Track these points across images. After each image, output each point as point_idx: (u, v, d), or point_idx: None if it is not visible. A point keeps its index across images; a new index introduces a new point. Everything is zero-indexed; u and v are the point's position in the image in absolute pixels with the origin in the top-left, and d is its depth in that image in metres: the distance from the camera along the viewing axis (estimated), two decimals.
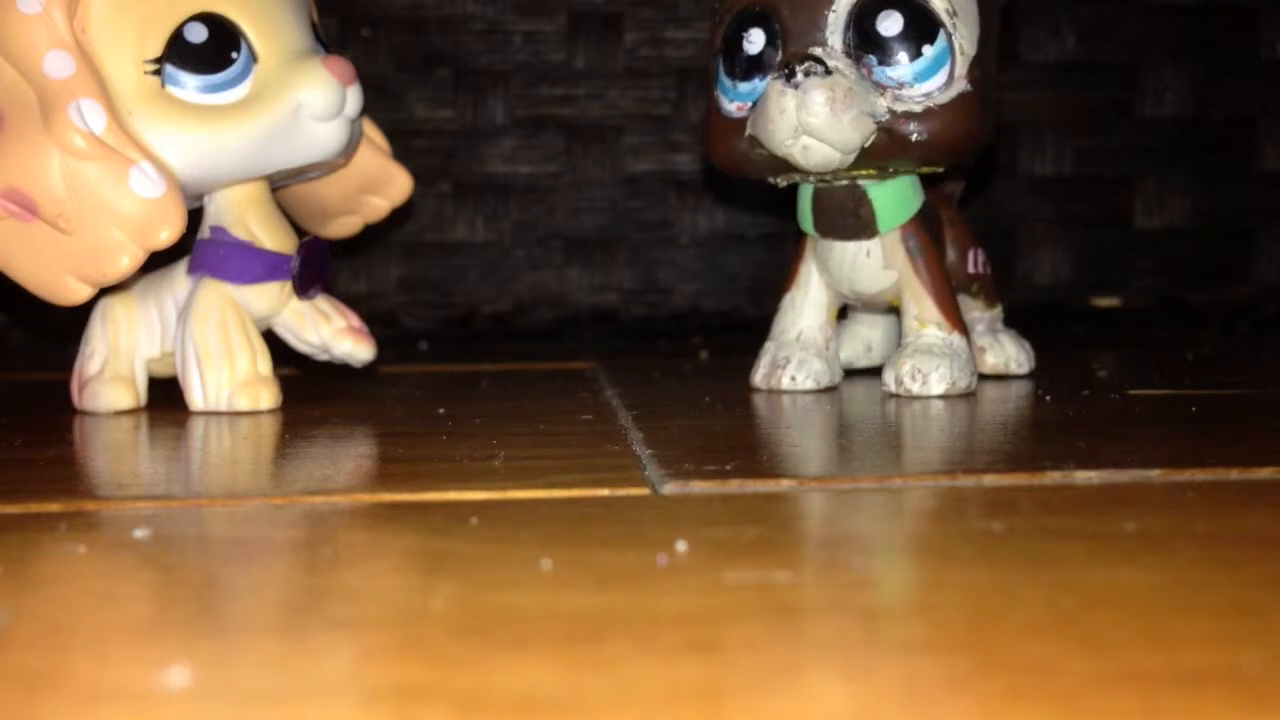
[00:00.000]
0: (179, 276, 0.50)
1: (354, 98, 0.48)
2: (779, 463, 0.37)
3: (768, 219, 0.78)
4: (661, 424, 0.44)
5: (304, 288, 0.50)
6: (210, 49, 0.47)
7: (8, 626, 0.23)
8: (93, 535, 0.30)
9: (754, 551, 0.27)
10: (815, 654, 0.21)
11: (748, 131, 0.48)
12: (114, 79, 0.46)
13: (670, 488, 0.33)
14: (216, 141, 0.47)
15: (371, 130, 0.54)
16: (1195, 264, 0.79)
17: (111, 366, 0.50)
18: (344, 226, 0.57)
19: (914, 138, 0.47)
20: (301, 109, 0.47)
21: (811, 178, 0.49)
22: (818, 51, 0.47)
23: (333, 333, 0.51)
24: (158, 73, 0.46)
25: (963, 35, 0.47)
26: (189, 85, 0.46)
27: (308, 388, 0.54)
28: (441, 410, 0.49)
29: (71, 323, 0.52)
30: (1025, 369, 0.55)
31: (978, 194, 0.77)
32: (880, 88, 0.47)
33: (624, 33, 0.76)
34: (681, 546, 0.27)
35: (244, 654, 0.21)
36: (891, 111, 0.47)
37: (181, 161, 0.46)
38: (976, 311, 0.55)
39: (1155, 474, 0.34)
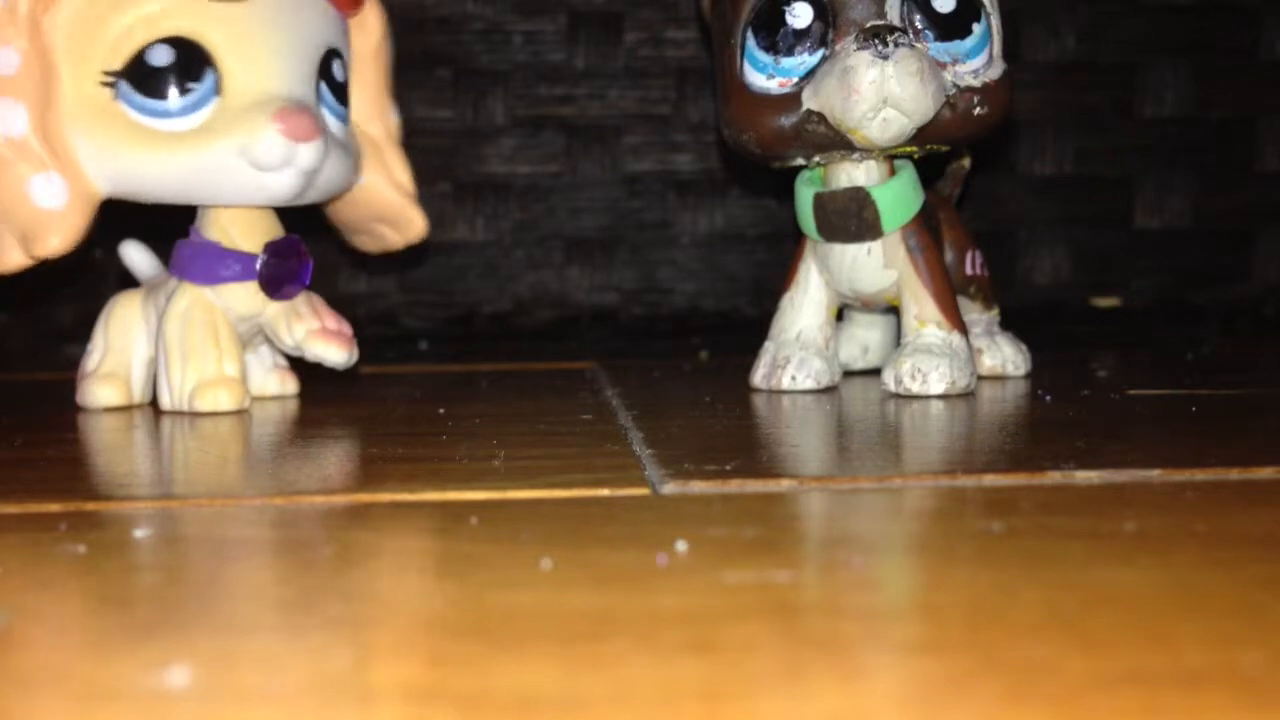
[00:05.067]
0: (171, 277, 0.50)
1: (308, 153, 0.47)
2: (779, 463, 0.37)
3: (768, 219, 0.77)
4: (661, 424, 0.44)
5: (273, 288, 0.49)
6: (167, 75, 0.46)
7: (8, 626, 0.23)
8: (93, 535, 0.30)
9: (754, 551, 0.27)
10: (815, 654, 0.21)
11: (805, 106, 0.47)
12: (70, 83, 0.47)
13: (670, 488, 0.33)
14: (145, 166, 0.47)
15: (398, 168, 0.54)
16: (1195, 264, 0.79)
17: (107, 364, 0.51)
18: (364, 244, 0.57)
19: (976, 111, 0.48)
20: (245, 154, 0.46)
21: (860, 155, 0.49)
22: (896, 23, 0.47)
23: (305, 334, 0.50)
24: (112, 85, 0.46)
25: (996, 17, 0.49)
26: (136, 106, 0.47)
27: (308, 388, 0.54)
28: (441, 410, 0.49)
29: (72, 323, 0.52)
30: (1022, 371, 0.55)
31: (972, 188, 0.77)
32: (938, 63, 0.47)
33: (624, 33, 0.76)
34: (681, 546, 0.27)
35: (244, 654, 0.21)
36: (955, 85, 0.47)
37: (111, 175, 0.47)
38: (974, 313, 0.55)
39: (1155, 474, 0.34)
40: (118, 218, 0.54)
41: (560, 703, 0.19)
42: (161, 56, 0.46)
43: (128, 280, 0.55)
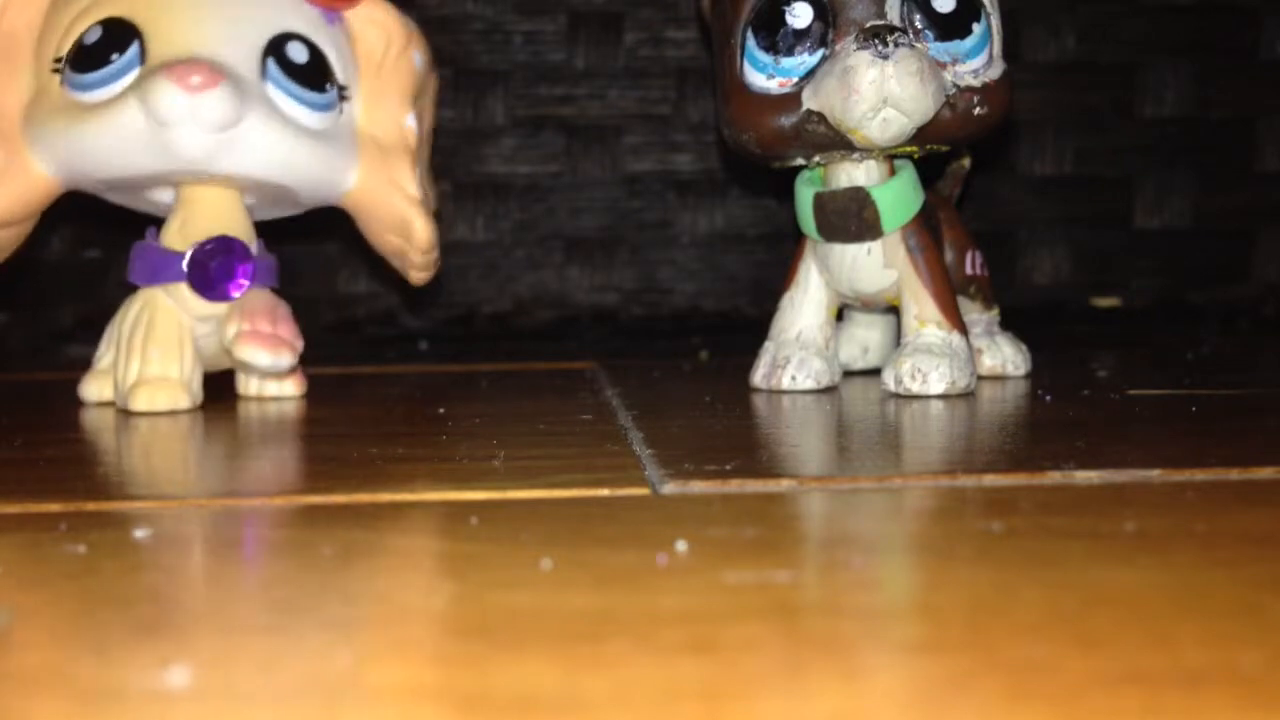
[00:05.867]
0: None
1: (209, 104, 0.46)
2: (779, 463, 0.37)
3: (768, 219, 0.77)
4: (661, 424, 0.44)
5: (204, 288, 0.49)
6: (94, 49, 0.48)
7: (8, 626, 0.23)
8: (93, 535, 0.30)
9: (754, 551, 0.27)
10: (815, 654, 0.21)
11: (805, 106, 0.47)
12: (36, 78, 0.49)
13: (670, 488, 0.33)
14: (71, 137, 0.48)
15: (404, 172, 0.53)
16: (1195, 264, 0.79)
17: (104, 361, 0.52)
18: (399, 268, 0.56)
19: (976, 111, 0.48)
20: (145, 112, 0.47)
21: (860, 155, 0.49)
22: (896, 23, 0.47)
23: (233, 335, 0.49)
24: (60, 71, 0.49)
25: (996, 17, 0.49)
26: (73, 84, 0.48)
27: (308, 389, 0.54)
28: (441, 410, 0.49)
29: (72, 323, 0.52)
30: (1022, 371, 0.55)
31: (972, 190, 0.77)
32: (938, 63, 0.47)
33: (624, 33, 0.76)
34: (681, 546, 0.27)
35: (244, 654, 0.21)
36: (955, 85, 0.47)
37: (56, 153, 0.48)
38: (974, 313, 0.55)
39: (1155, 474, 0.34)
40: (119, 219, 0.54)
41: (560, 703, 0.19)
42: (93, 35, 0.48)
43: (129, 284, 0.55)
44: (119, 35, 0.48)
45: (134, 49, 0.48)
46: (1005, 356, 0.55)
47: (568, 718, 0.18)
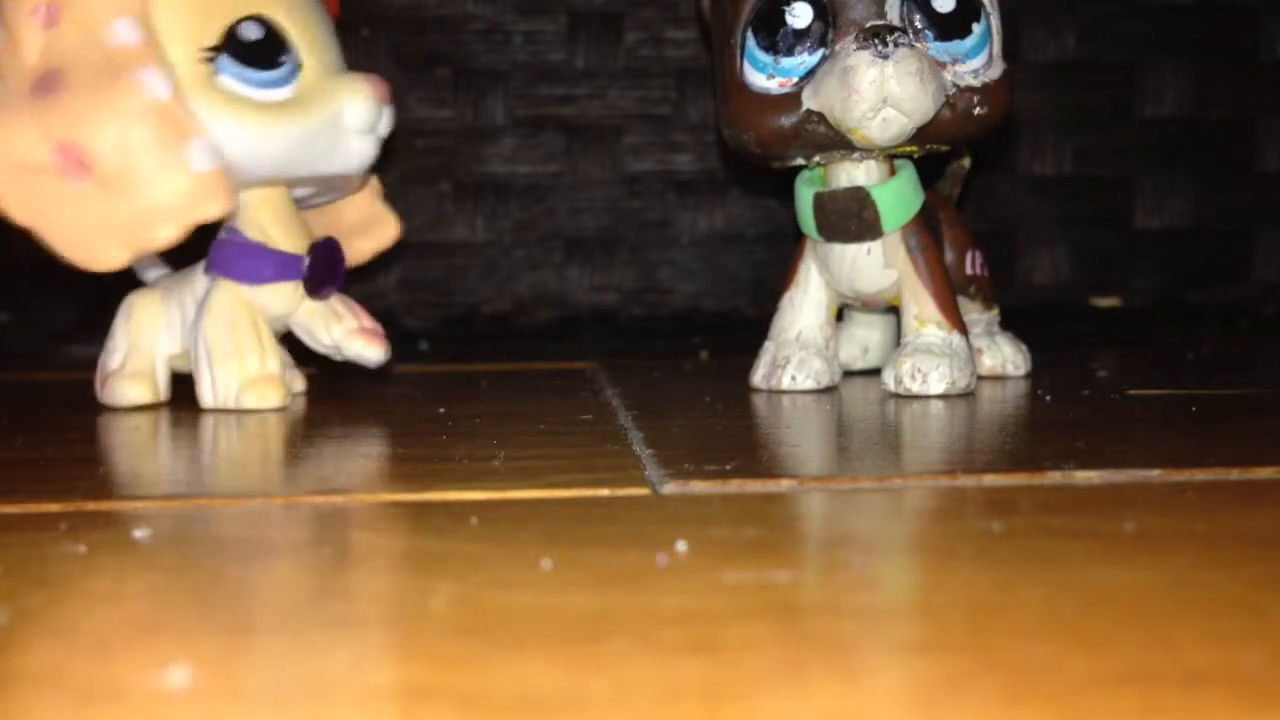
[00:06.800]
0: (198, 275, 0.51)
1: (388, 117, 0.50)
2: (779, 463, 0.37)
3: (768, 219, 0.77)
4: (661, 424, 0.44)
5: (315, 288, 0.50)
6: (263, 47, 0.48)
7: (8, 626, 0.23)
8: (93, 535, 0.30)
9: (754, 551, 0.27)
10: (815, 654, 0.21)
11: (805, 106, 0.47)
12: (177, 64, 0.47)
13: (670, 488, 0.33)
14: (261, 135, 0.47)
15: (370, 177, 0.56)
16: (1195, 264, 0.79)
17: (132, 362, 0.51)
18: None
19: (976, 111, 0.48)
20: (342, 118, 0.48)
21: (860, 155, 0.49)
22: (896, 23, 0.47)
23: (344, 333, 0.51)
24: (211, 60, 0.47)
25: (996, 17, 0.49)
26: (239, 78, 0.47)
27: (309, 388, 0.54)
28: (441, 410, 0.49)
29: (72, 323, 0.52)
30: (1022, 371, 0.55)
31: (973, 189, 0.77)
32: (938, 63, 0.47)
33: (624, 33, 0.76)
34: (681, 546, 0.27)
35: (244, 654, 0.21)
36: (955, 85, 0.47)
37: (226, 150, 0.47)
38: (974, 313, 0.55)
39: (1155, 474, 0.34)
40: None
41: (560, 703, 0.19)
42: (254, 30, 0.48)
43: (125, 281, 0.55)
44: (277, 38, 0.48)
45: (293, 52, 0.48)
46: (1005, 356, 0.55)
47: (568, 718, 0.18)
